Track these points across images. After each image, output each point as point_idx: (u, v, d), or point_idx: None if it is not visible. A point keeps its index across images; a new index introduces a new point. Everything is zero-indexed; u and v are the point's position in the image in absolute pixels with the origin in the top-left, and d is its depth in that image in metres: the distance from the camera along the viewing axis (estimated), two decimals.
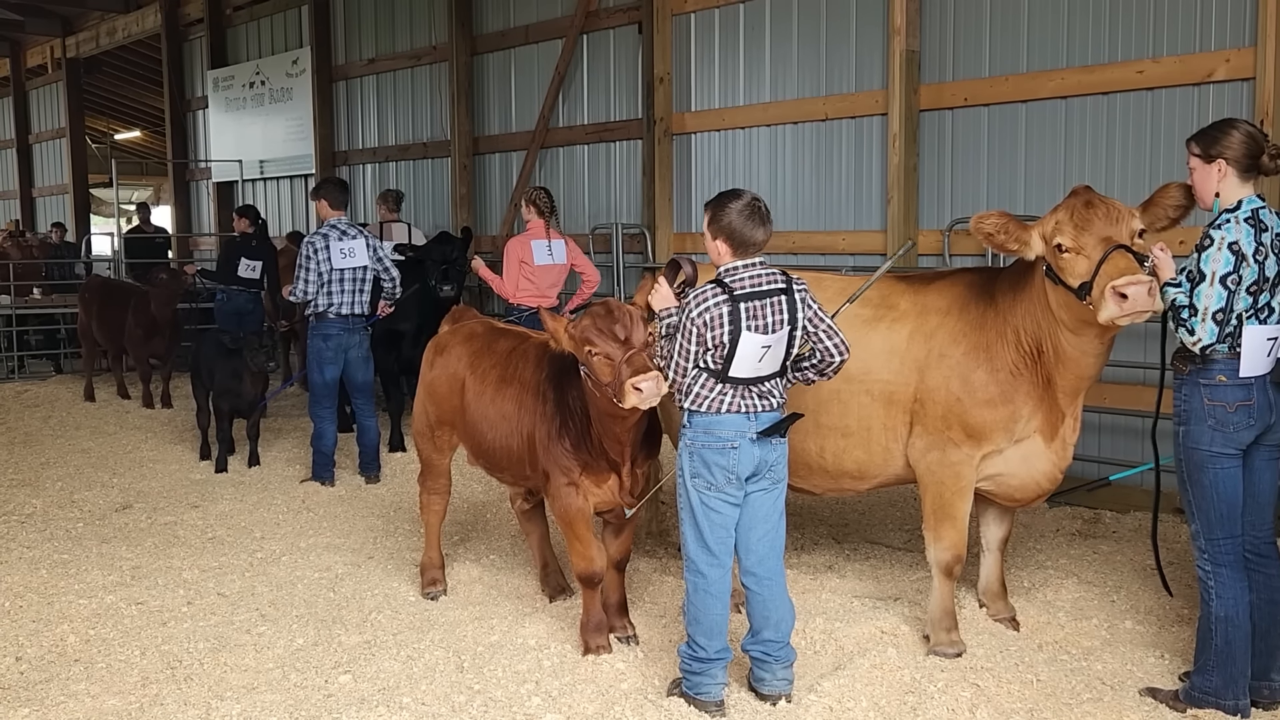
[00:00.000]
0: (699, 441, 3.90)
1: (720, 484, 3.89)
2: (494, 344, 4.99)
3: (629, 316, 3.98)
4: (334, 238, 7.45)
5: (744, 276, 3.85)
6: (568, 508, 4.43)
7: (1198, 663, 3.96)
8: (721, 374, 3.84)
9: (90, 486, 7.52)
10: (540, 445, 4.49)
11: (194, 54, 16.32)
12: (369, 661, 4.47)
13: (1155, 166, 6.45)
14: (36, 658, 4.59)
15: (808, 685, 4.13)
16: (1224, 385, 3.74)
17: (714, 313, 3.79)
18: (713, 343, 3.81)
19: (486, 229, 11.22)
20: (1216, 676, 3.87)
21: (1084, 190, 4.10)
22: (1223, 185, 3.79)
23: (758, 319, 3.80)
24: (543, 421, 4.49)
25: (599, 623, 4.53)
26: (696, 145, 9.15)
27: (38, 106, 20.93)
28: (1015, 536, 5.64)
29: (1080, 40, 6.76)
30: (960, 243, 7.35)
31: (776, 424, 3.92)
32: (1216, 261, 3.67)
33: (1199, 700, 3.91)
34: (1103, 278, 3.81)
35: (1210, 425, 3.77)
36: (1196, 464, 3.83)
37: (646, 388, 3.81)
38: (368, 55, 12.84)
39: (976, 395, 4.36)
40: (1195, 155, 3.87)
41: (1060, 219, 4.01)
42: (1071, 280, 3.97)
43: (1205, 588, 3.90)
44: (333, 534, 6.34)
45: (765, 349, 3.83)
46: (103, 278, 12.48)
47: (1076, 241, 3.94)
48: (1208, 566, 3.88)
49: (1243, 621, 3.85)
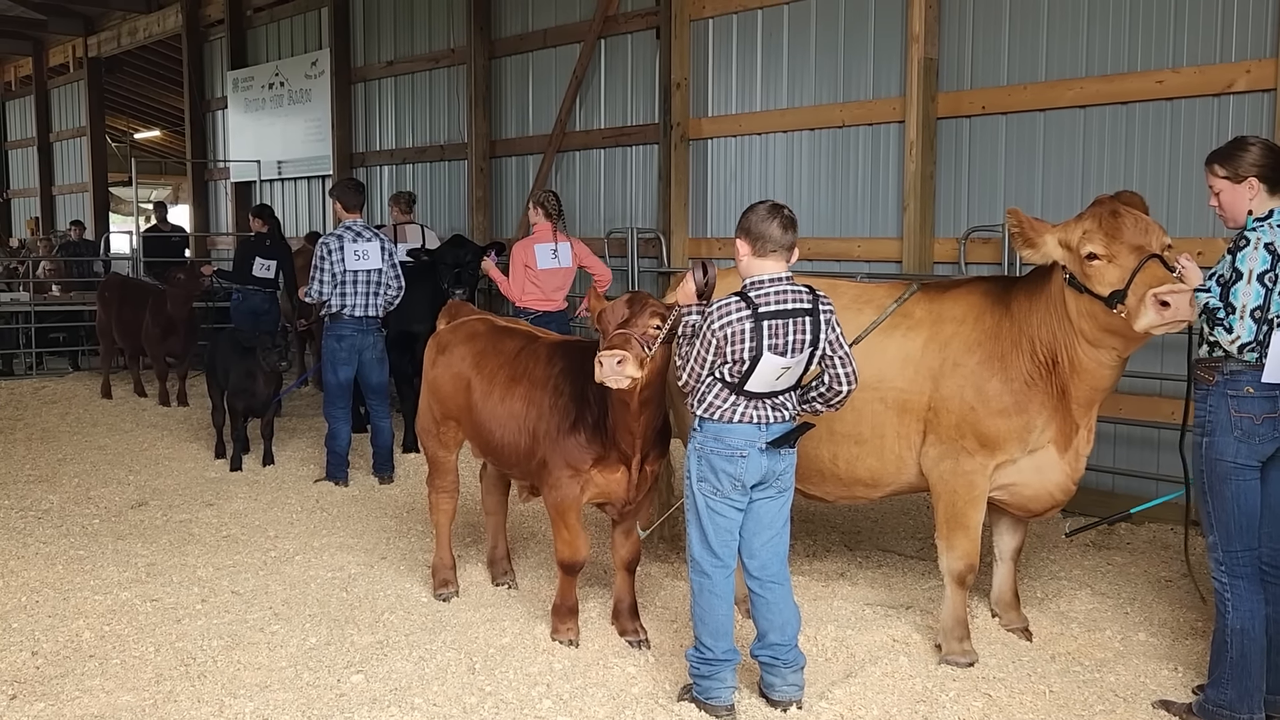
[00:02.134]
0: (708, 447, 3.91)
1: (726, 490, 3.91)
2: (500, 344, 5.03)
3: (640, 305, 4.05)
4: (349, 239, 7.49)
5: (769, 292, 3.83)
6: (564, 497, 4.50)
7: (1212, 675, 3.95)
8: (737, 387, 3.85)
9: (106, 483, 7.57)
10: (547, 437, 4.54)
11: (214, 54, 16.43)
12: (381, 661, 4.49)
13: (1174, 177, 6.43)
14: (52, 653, 4.62)
15: (819, 692, 4.12)
16: (1251, 397, 3.73)
17: (735, 328, 3.78)
18: (732, 357, 3.80)
19: (503, 232, 11.24)
20: (1231, 689, 3.85)
21: (1109, 200, 4.09)
22: (1255, 203, 3.82)
23: (779, 338, 3.79)
24: (553, 414, 4.54)
25: (571, 607, 4.67)
26: (713, 151, 9.16)
27: (59, 105, 21.10)
28: (1029, 547, 5.63)
29: (1099, 49, 6.74)
30: (976, 251, 7.33)
31: (787, 434, 3.92)
32: (1254, 260, 3.68)
33: (1212, 714, 3.89)
34: (1139, 286, 3.80)
35: (1236, 437, 3.76)
36: (1220, 475, 3.81)
37: (606, 363, 3.86)
38: (386, 57, 12.90)
39: (990, 405, 4.35)
40: (1222, 177, 3.86)
41: (1089, 227, 4.00)
42: (1101, 289, 3.96)
43: (1221, 599, 3.88)
44: (346, 534, 6.37)
45: (784, 369, 3.83)
46: (122, 276, 12.56)
47: (1109, 249, 3.93)
48: (1225, 579, 3.86)
49: (1258, 634, 3.84)
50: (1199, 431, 3.86)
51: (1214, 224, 6.18)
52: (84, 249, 16.20)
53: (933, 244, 7.55)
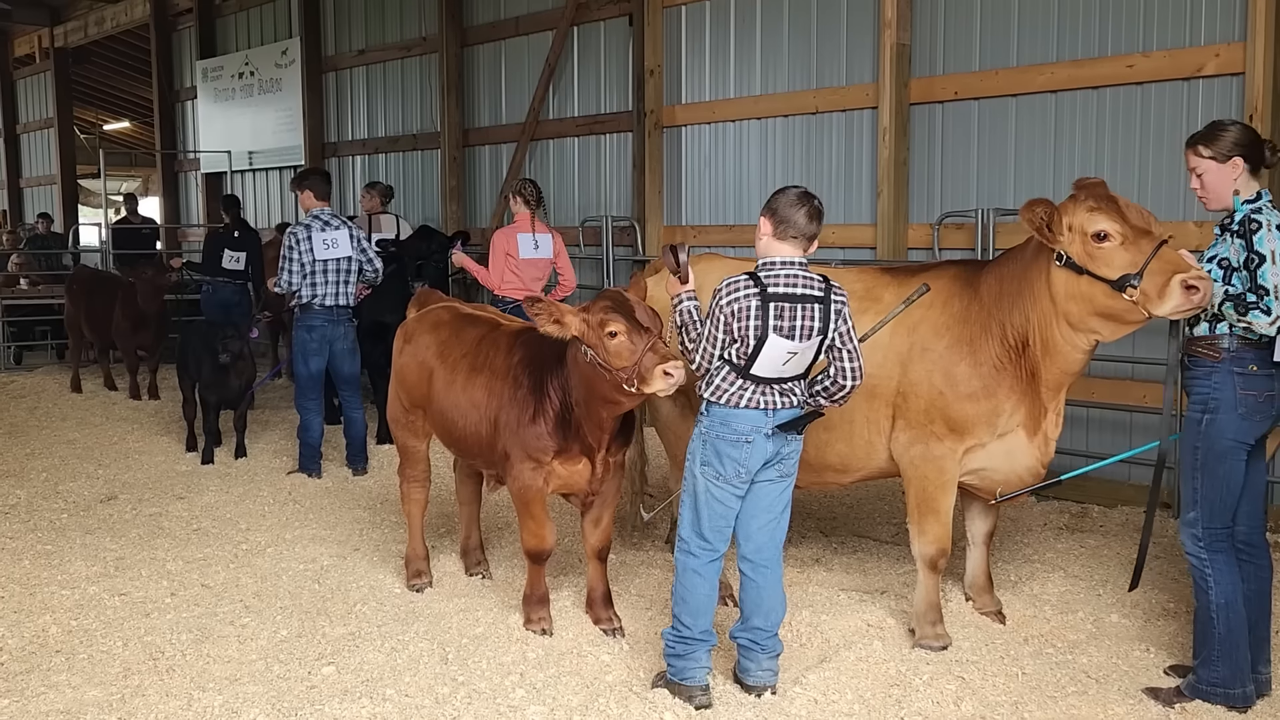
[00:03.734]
0: (714, 432, 3.88)
1: (729, 476, 3.88)
2: (462, 332, 4.99)
3: (643, 305, 4.06)
4: (316, 229, 7.41)
5: (780, 275, 3.80)
6: (527, 488, 4.48)
7: (1199, 655, 3.93)
8: (743, 370, 3.81)
9: (75, 477, 7.48)
10: (507, 428, 4.52)
11: (183, 44, 16.24)
12: (353, 653, 4.45)
13: (1145, 161, 6.45)
14: (18, 648, 4.55)
15: (793, 677, 4.12)
16: (1256, 375, 3.74)
17: (742, 304, 3.76)
18: (738, 334, 3.77)
19: (476, 221, 11.18)
20: (1223, 666, 3.85)
21: (1101, 183, 4.08)
22: (1240, 182, 3.82)
23: (785, 321, 3.75)
24: (513, 405, 4.51)
25: (541, 596, 4.67)
26: (687, 138, 9.13)
27: (25, 97, 20.81)
28: (1002, 530, 5.64)
29: (1070, 34, 6.75)
30: (950, 236, 7.35)
31: (794, 420, 3.89)
32: (1273, 240, 3.68)
33: (1206, 693, 3.88)
34: (1161, 270, 3.78)
35: (1240, 414, 3.76)
36: (1218, 453, 3.80)
37: (677, 374, 3.88)
38: (357, 46, 12.79)
39: (959, 389, 4.35)
40: (1207, 158, 3.86)
41: (1093, 207, 3.98)
42: (1109, 271, 3.93)
43: (1202, 575, 3.87)
44: (318, 526, 6.32)
45: (791, 354, 3.79)
46: (90, 269, 12.40)
47: (1122, 230, 3.91)
48: (1204, 554, 3.86)
49: (1240, 608, 3.84)
50: (1198, 409, 3.84)
51: (1184, 208, 6.21)
52: (52, 242, 15.99)
53: (906, 230, 7.55)
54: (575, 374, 4.25)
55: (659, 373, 3.89)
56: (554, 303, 4.20)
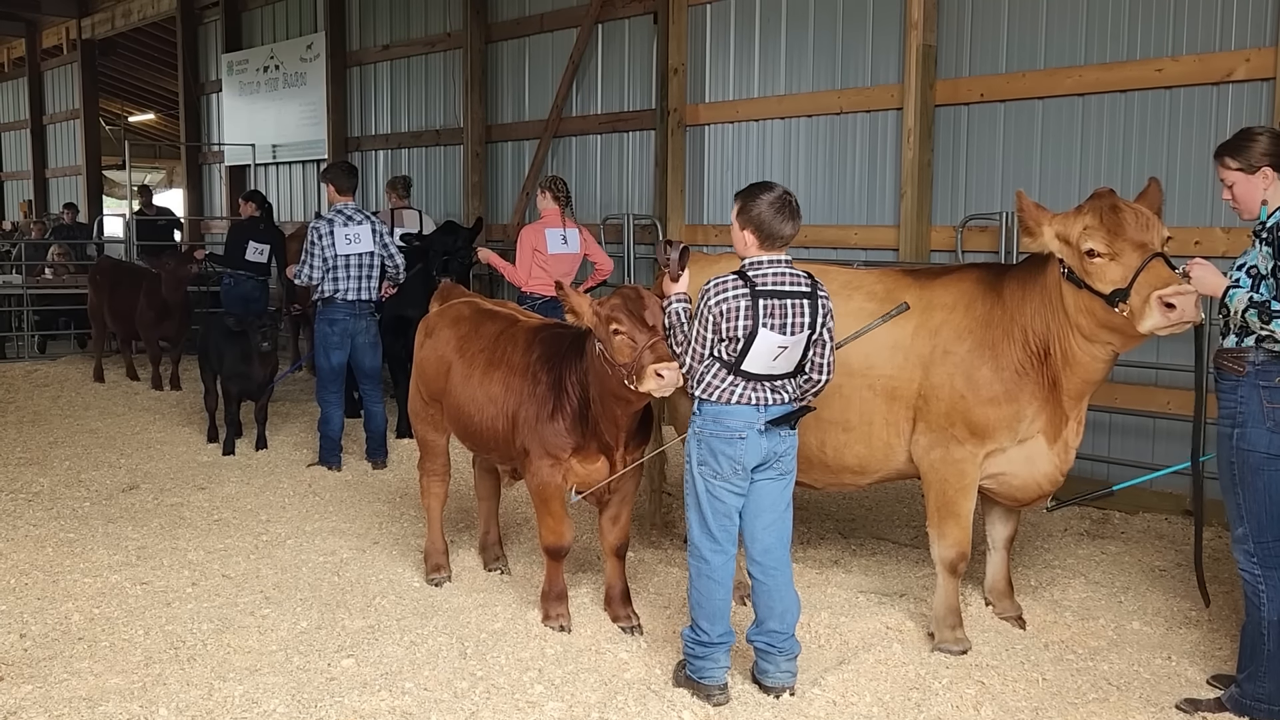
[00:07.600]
0: (707, 430, 3.90)
1: (726, 474, 3.89)
2: (481, 327, 5.01)
3: (656, 304, 4.05)
4: (339, 223, 7.44)
5: (768, 272, 3.83)
6: (545, 484, 4.50)
7: (1246, 669, 3.88)
8: (734, 366, 3.83)
9: (98, 466, 7.53)
10: (526, 424, 4.53)
11: (209, 37, 16.33)
12: (372, 646, 4.47)
13: (1173, 166, 6.39)
14: (41, 635, 4.59)
15: (812, 679, 4.11)
16: None
17: (732, 304, 3.78)
18: (728, 334, 3.80)
19: (498, 217, 11.20)
20: (1270, 682, 3.79)
21: (1108, 194, 4.05)
22: (1269, 192, 3.78)
23: (775, 317, 3.78)
24: (531, 402, 4.53)
25: (560, 592, 4.68)
26: (710, 137, 9.12)
27: (52, 88, 20.96)
28: (1023, 535, 5.62)
29: (1099, 37, 6.70)
30: (973, 239, 7.31)
31: (785, 415, 3.90)
32: None
33: (1250, 708, 3.82)
34: (1144, 286, 3.77)
35: (1269, 428, 3.71)
36: (1252, 467, 3.75)
37: (669, 375, 3.87)
38: (382, 41, 12.82)
39: (980, 393, 4.33)
40: (1234, 169, 3.82)
41: (1089, 223, 3.96)
42: (1102, 286, 3.92)
43: (1254, 591, 3.82)
44: (338, 519, 6.34)
45: (782, 349, 3.81)
46: (113, 259, 12.49)
47: (1111, 247, 3.88)
48: (1257, 570, 3.80)
49: None
50: (1228, 423, 3.79)
51: (1212, 214, 6.16)
52: (77, 232, 16.11)
53: (930, 232, 7.52)
54: (591, 369, 4.27)
55: (650, 372, 3.90)
56: (575, 292, 4.23)
